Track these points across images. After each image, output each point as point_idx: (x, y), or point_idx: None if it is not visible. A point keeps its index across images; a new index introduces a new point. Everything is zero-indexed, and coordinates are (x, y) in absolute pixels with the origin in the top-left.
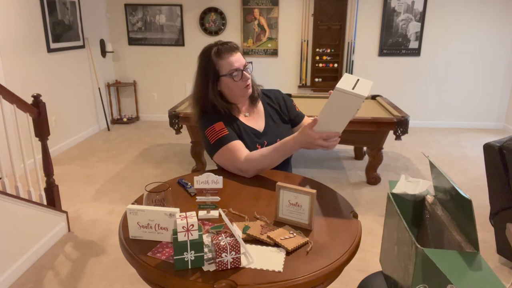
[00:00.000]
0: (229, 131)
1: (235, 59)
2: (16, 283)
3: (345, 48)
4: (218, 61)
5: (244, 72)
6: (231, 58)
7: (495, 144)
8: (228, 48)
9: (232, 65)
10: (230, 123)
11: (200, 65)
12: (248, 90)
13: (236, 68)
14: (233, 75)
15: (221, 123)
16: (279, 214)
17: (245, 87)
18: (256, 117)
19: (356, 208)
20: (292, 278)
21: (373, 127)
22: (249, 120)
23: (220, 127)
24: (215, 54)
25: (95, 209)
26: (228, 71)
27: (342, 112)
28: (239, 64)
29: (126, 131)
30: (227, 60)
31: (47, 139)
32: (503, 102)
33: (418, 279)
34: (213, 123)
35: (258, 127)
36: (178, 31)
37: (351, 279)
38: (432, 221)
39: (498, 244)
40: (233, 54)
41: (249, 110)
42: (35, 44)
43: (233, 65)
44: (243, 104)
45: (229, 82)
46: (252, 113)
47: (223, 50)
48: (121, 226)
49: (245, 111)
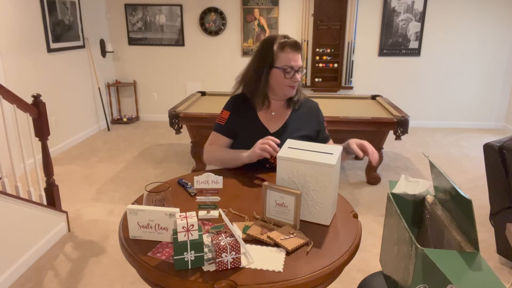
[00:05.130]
0: (226, 123)
1: (294, 58)
2: (16, 283)
3: (345, 48)
4: (278, 52)
5: (296, 73)
6: (291, 55)
7: (495, 144)
8: (293, 45)
9: (289, 61)
10: (242, 116)
11: (260, 50)
12: (292, 91)
13: (291, 65)
14: (286, 70)
15: (227, 113)
16: (266, 214)
17: (290, 87)
18: (278, 118)
19: (356, 208)
20: (292, 278)
21: (373, 127)
22: (269, 118)
23: (224, 116)
24: (279, 45)
25: (95, 209)
26: (283, 66)
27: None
28: (295, 64)
29: (126, 131)
30: (287, 55)
31: (47, 139)
32: (503, 102)
33: (418, 279)
34: (226, 108)
35: (272, 128)
36: (178, 31)
37: (351, 279)
38: (432, 221)
39: (498, 244)
40: (294, 53)
41: (277, 109)
42: (35, 44)
43: (290, 62)
44: (277, 102)
45: (279, 76)
46: (277, 113)
47: (288, 45)
48: (121, 226)
49: (273, 110)
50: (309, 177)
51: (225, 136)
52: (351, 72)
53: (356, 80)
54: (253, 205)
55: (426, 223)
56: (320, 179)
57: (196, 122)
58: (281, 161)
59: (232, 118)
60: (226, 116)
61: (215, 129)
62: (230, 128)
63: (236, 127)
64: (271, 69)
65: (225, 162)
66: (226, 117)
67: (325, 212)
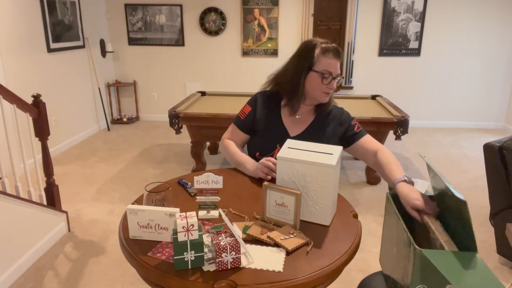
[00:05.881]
0: (245, 118)
1: (334, 65)
2: (16, 283)
3: (345, 48)
4: (319, 56)
5: (334, 80)
6: (331, 60)
7: (495, 144)
8: (335, 52)
9: (329, 67)
10: (265, 114)
11: (301, 51)
12: (326, 97)
13: (331, 71)
14: (324, 75)
15: (249, 108)
16: (266, 214)
17: (325, 93)
18: (301, 122)
19: (356, 208)
20: (292, 278)
21: (373, 127)
22: (292, 121)
23: (245, 110)
24: (321, 49)
25: (95, 209)
26: (322, 70)
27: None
28: (334, 71)
29: (126, 131)
30: (328, 60)
31: (47, 139)
32: (503, 102)
33: (417, 279)
34: (248, 103)
35: (293, 132)
36: (178, 31)
37: (351, 279)
38: (418, 221)
39: (498, 244)
40: (335, 59)
41: (303, 114)
42: (35, 44)
43: (330, 68)
44: (306, 107)
45: (316, 80)
46: (302, 117)
47: (330, 51)
48: (121, 226)
49: (299, 114)
50: (309, 177)
51: (241, 131)
52: (351, 72)
53: (356, 80)
54: (253, 205)
55: (415, 222)
56: (320, 179)
57: (196, 122)
58: (281, 161)
59: (253, 114)
60: (247, 111)
61: (235, 121)
62: (249, 124)
63: (255, 123)
64: (309, 72)
65: (229, 160)
66: (247, 112)
67: (325, 212)
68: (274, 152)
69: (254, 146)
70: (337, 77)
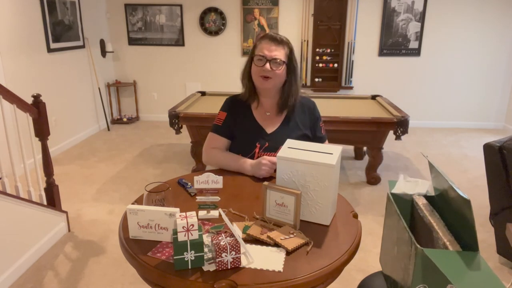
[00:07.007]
0: (223, 124)
1: (269, 48)
2: (16, 283)
3: (345, 48)
4: (257, 44)
5: (268, 63)
6: (266, 45)
7: (495, 144)
8: (272, 38)
9: (262, 50)
10: (239, 117)
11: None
12: (264, 82)
13: (263, 54)
14: (258, 58)
15: (224, 114)
16: (266, 214)
17: (262, 77)
18: (274, 118)
19: (356, 208)
20: (292, 278)
21: (373, 127)
22: (264, 118)
23: (221, 116)
24: (260, 38)
25: (95, 209)
26: (256, 54)
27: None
28: (269, 54)
29: (126, 131)
30: (262, 45)
31: (47, 139)
32: (503, 102)
33: (417, 279)
34: (222, 110)
35: (268, 129)
36: (178, 31)
37: (351, 279)
38: (421, 221)
39: (498, 244)
40: (271, 43)
41: (272, 110)
42: (35, 44)
43: (262, 51)
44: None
45: (254, 67)
46: (272, 113)
47: (267, 37)
48: (121, 226)
49: (268, 110)
50: (309, 177)
51: (222, 137)
52: (351, 72)
53: (356, 80)
54: (253, 205)
55: (417, 222)
56: (320, 179)
57: (196, 122)
58: (281, 161)
59: (229, 118)
60: (223, 117)
61: (213, 130)
62: (228, 128)
63: (233, 127)
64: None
65: (226, 167)
66: (223, 117)
67: (325, 212)
68: (254, 151)
69: (234, 148)
70: (273, 61)
